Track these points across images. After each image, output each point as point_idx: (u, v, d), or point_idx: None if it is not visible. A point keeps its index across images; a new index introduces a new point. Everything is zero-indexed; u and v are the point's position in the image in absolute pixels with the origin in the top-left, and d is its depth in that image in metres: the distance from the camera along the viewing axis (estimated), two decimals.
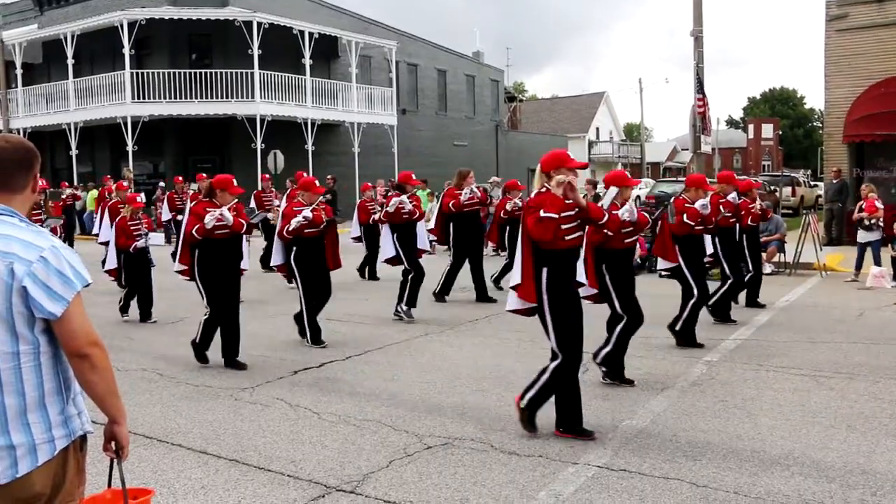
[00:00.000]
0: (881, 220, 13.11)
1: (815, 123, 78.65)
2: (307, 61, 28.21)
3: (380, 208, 12.75)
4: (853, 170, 19.00)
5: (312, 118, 28.84)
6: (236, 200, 7.53)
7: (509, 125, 47.66)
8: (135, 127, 26.62)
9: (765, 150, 72.40)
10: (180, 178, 18.57)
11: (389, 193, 10.62)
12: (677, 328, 8.18)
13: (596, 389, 6.56)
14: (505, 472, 4.71)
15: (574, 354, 5.25)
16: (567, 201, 5.13)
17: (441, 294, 11.31)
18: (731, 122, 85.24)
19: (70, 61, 27.93)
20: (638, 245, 10.33)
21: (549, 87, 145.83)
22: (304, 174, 15.50)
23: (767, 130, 73.23)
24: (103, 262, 15.75)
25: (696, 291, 7.97)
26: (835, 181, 18.84)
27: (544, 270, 5.17)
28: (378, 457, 5.00)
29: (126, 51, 26.28)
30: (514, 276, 5.29)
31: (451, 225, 11.23)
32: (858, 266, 13.11)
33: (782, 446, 5.08)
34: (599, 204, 5.97)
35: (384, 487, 4.50)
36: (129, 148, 26.51)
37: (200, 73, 26.91)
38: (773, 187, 29.11)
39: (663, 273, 8.66)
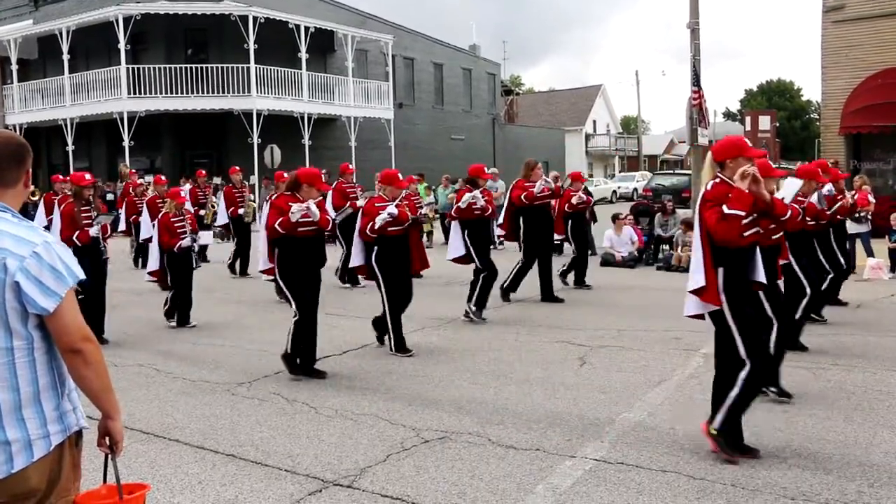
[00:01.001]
0: (870, 213, 13.07)
1: (812, 115, 78.66)
2: (303, 55, 28.14)
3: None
4: (850, 161, 19.00)
5: (309, 112, 28.79)
6: (321, 197, 7.01)
7: (506, 119, 47.63)
8: (131, 122, 26.56)
9: (762, 142, 71.95)
10: (203, 172, 17.77)
11: (459, 189, 9.85)
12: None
13: (593, 382, 6.57)
14: (502, 466, 4.71)
15: (763, 359, 4.74)
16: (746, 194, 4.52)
17: (507, 291, 10.53)
18: (729, 115, 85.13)
19: (65, 57, 27.84)
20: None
21: (545, 81, 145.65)
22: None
23: (764, 122, 72.88)
24: (135, 261, 15.44)
25: (808, 290, 7.22)
26: None
27: (720, 271, 4.65)
28: (375, 451, 4.99)
29: (122, 46, 26.21)
30: (695, 279, 4.68)
31: (522, 220, 10.47)
32: (849, 258, 13.06)
33: (779, 438, 5.08)
34: (780, 197, 5.35)
35: (381, 482, 4.50)
36: (126, 143, 26.45)
37: (196, 68, 26.84)
38: None
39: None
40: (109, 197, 20.35)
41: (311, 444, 5.15)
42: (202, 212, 15.15)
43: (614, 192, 40.74)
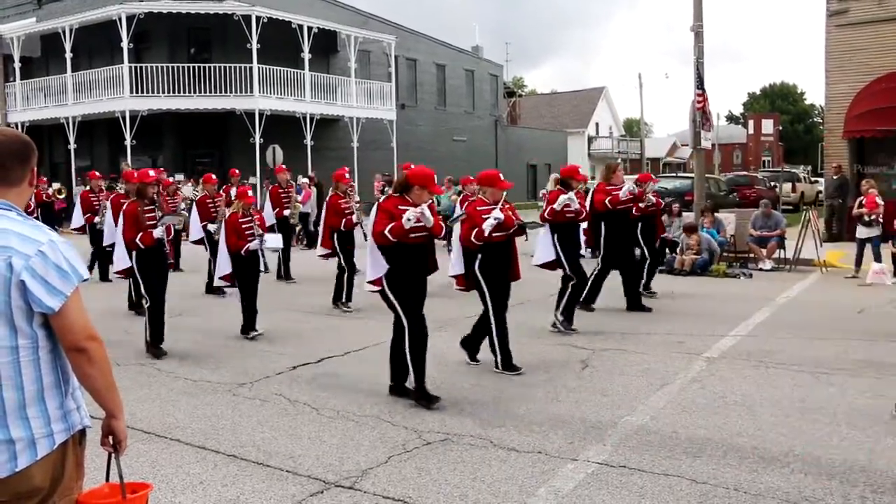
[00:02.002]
0: (881, 216, 13.09)
1: (815, 119, 78.60)
2: (306, 56, 28.15)
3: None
4: (853, 166, 18.98)
5: (311, 113, 28.79)
6: (431, 200, 6.31)
7: (508, 120, 47.62)
8: (133, 121, 26.57)
9: (765, 146, 72.30)
10: (237, 171, 16.41)
11: (551, 190, 9.23)
12: None
13: (595, 385, 6.56)
14: (504, 469, 4.70)
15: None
16: None
17: (587, 303, 9.68)
18: (731, 118, 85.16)
19: (68, 55, 27.85)
20: None
21: (548, 82, 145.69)
22: (282, 167, 14.80)
23: (767, 126, 73.10)
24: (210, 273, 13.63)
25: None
26: (835, 177, 18.83)
27: None
28: (377, 452, 4.98)
29: (124, 45, 26.21)
30: None
31: (603, 225, 9.77)
32: (858, 262, 13.10)
33: (782, 443, 5.07)
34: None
35: (383, 483, 4.49)
36: (128, 142, 26.45)
37: (199, 68, 26.85)
38: (773, 183, 29.16)
39: None
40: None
41: (313, 445, 5.14)
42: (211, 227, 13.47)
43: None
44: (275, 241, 9.31)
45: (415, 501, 4.26)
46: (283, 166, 14.47)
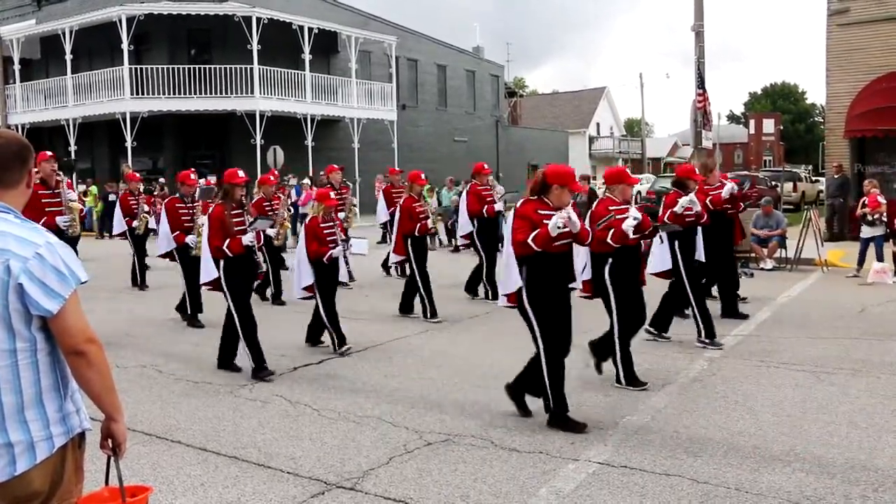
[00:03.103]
0: (884, 215, 13.09)
1: (816, 119, 78.58)
2: (307, 56, 28.15)
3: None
4: (854, 165, 18.97)
5: (312, 114, 28.79)
6: (573, 199, 5.65)
7: (509, 120, 47.61)
8: (133, 123, 26.58)
9: (766, 146, 72.22)
10: (276, 172, 15.33)
11: (669, 192, 8.28)
12: None
13: (595, 386, 6.55)
14: (505, 469, 4.69)
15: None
16: None
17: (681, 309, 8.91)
18: (732, 117, 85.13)
19: (68, 57, 27.87)
20: None
21: (549, 83, 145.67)
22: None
23: (768, 125, 72.99)
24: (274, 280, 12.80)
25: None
26: (836, 176, 18.81)
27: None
28: (378, 453, 4.98)
29: (125, 46, 26.22)
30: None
31: (700, 227, 8.83)
32: (861, 262, 13.09)
33: (784, 442, 5.07)
34: None
35: (384, 484, 4.49)
36: (128, 144, 26.46)
37: (199, 69, 26.85)
38: (774, 182, 29.13)
39: None
40: (112, 198, 20.22)
41: (314, 447, 5.14)
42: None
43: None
44: (360, 246, 8.85)
45: (416, 502, 4.25)
46: (335, 165, 13.49)
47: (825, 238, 16.12)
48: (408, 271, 10.06)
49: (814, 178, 36.15)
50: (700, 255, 8.17)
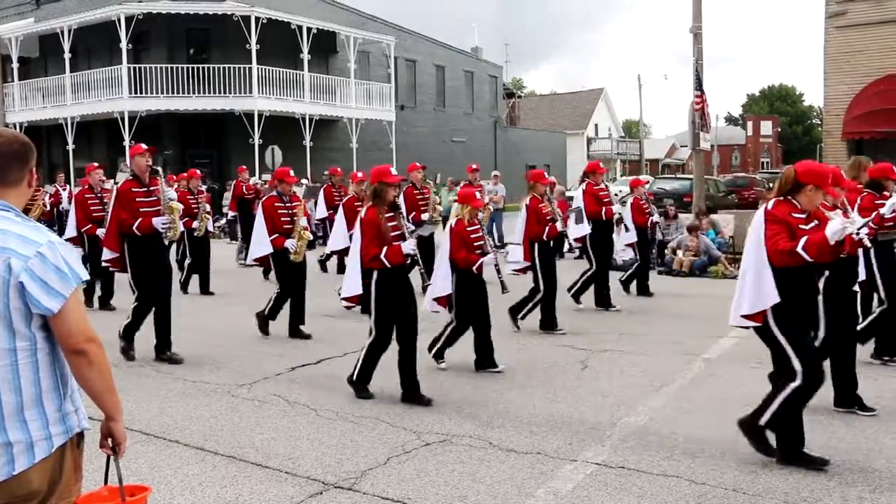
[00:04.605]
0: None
1: (814, 121, 78.72)
2: (305, 56, 28.15)
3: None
4: None
5: (310, 114, 28.78)
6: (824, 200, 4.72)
7: (508, 121, 47.61)
8: (132, 122, 26.55)
9: (764, 148, 72.43)
10: (339, 170, 14.34)
11: (866, 194, 6.61)
12: None
13: (594, 386, 6.56)
14: (503, 470, 4.70)
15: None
16: None
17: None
18: (730, 119, 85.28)
19: (67, 55, 27.83)
20: None
21: (547, 84, 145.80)
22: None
23: (766, 127, 73.25)
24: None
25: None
26: None
27: None
28: (376, 454, 4.98)
29: (123, 45, 26.20)
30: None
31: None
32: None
33: None
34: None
35: (382, 484, 4.49)
36: (127, 143, 26.41)
37: (198, 68, 26.83)
38: (771, 184, 29.16)
39: None
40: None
41: (312, 447, 5.14)
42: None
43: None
44: (516, 254, 8.04)
45: (414, 502, 4.26)
46: (417, 164, 12.22)
47: None
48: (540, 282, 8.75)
49: None
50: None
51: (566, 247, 10.28)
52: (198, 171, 12.70)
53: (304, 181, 19.01)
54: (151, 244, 7.40)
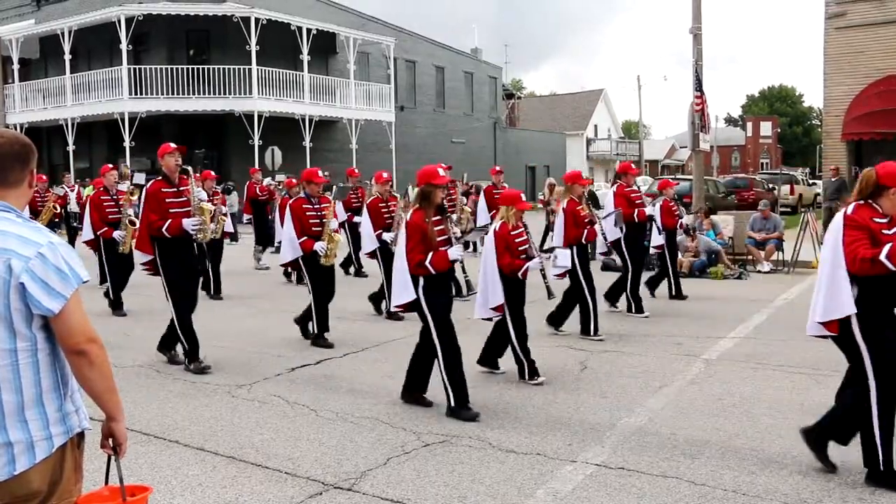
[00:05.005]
0: None
1: (813, 121, 78.76)
2: (305, 57, 28.17)
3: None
4: (852, 168, 19.02)
5: (310, 114, 28.81)
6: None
7: (507, 122, 47.64)
8: (132, 123, 26.57)
9: (763, 148, 72.44)
10: (356, 171, 14.44)
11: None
12: None
13: (593, 387, 6.56)
14: (503, 470, 4.70)
15: None
16: None
17: None
18: (730, 120, 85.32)
19: (67, 57, 27.86)
20: None
21: (547, 84, 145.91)
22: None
23: (766, 128, 73.26)
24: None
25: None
26: (833, 179, 18.87)
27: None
28: (376, 454, 4.98)
29: (123, 46, 26.23)
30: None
31: None
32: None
33: (781, 444, 5.08)
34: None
35: (382, 485, 4.49)
36: (127, 144, 26.46)
37: (198, 69, 26.87)
38: (771, 185, 29.17)
39: None
40: (357, 219, 19.29)
41: (312, 447, 5.14)
42: (356, 218, 11.86)
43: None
44: (565, 258, 7.71)
45: (413, 503, 4.26)
46: (443, 165, 12.20)
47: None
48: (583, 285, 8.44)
49: (811, 181, 36.23)
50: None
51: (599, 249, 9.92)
52: (212, 172, 12.87)
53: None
54: (182, 246, 7.17)
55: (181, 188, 7.21)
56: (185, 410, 6.02)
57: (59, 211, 15.36)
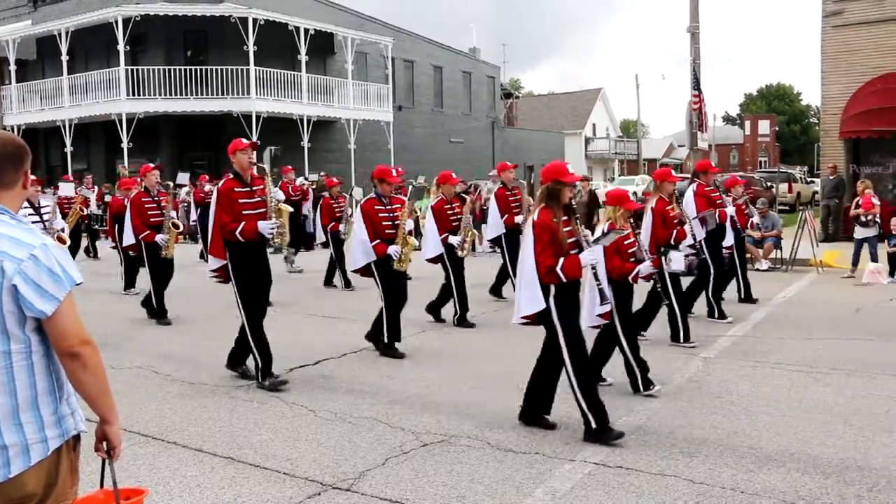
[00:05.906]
0: (877, 216, 13.13)
1: (811, 120, 78.80)
2: (303, 58, 28.14)
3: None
4: (849, 166, 19.01)
5: (308, 115, 28.77)
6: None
7: (506, 121, 47.63)
8: (130, 124, 26.53)
9: (761, 147, 72.45)
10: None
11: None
12: None
13: None
14: (501, 470, 4.70)
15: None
16: None
17: None
18: (728, 119, 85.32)
19: (64, 58, 27.81)
20: None
21: (545, 84, 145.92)
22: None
23: (764, 127, 73.26)
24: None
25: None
26: (831, 177, 18.86)
27: None
28: (374, 454, 4.98)
29: (121, 47, 26.19)
30: None
31: None
32: (855, 262, 13.13)
33: (779, 442, 5.08)
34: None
35: (380, 485, 4.49)
36: (125, 145, 26.43)
37: (196, 70, 26.83)
38: (769, 184, 29.17)
39: None
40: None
41: (310, 448, 5.14)
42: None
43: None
44: (679, 261, 7.29)
45: (412, 503, 4.25)
46: (508, 163, 11.24)
47: (820, 239, 16.14)
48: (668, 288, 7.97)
49: (809, 179, 36.23)
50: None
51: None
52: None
53: (304, 179, 18.89)
54: (255, 252, 6.58)
55: (255, 188, 6.64)
56: (183, 411, 6.01)
57: (85, 213, 15.16)
